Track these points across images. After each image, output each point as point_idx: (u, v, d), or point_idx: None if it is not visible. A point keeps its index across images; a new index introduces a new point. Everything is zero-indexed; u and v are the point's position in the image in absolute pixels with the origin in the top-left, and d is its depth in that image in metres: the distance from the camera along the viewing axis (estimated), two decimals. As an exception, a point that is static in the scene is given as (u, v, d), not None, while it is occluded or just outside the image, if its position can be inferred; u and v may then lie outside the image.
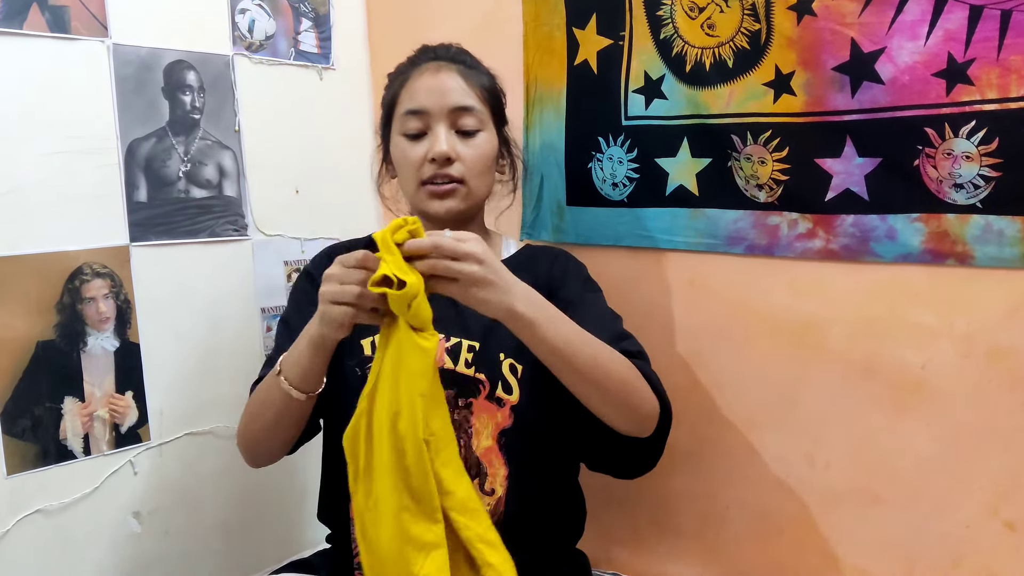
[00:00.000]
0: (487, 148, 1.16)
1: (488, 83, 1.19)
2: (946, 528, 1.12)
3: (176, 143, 1.38)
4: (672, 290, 1.32)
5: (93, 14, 1.27)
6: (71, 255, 1.26)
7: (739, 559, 1.32)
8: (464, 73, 1.15)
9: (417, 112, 1.13)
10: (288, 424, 1.09)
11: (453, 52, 1.18)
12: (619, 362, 1.02)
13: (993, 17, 1.00)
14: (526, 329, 0.94)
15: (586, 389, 0.99)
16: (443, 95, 1.13)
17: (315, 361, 1.01)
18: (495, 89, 1.20)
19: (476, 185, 1.15)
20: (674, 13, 1.24)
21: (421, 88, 1.14)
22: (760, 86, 1.18)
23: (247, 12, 1.48)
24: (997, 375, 1.07)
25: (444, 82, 1.13)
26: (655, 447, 1.09)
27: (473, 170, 1.14)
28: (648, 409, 1.03)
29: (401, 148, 1.15)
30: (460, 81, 1.14)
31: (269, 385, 1.06)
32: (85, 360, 1.28)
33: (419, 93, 1.14)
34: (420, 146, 1.13)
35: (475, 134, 1.15)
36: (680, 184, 1.29)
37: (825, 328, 1.19)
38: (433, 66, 1.15)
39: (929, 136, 1.06)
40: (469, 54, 1.20)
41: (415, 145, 1.14)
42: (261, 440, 1.13)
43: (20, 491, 1.21)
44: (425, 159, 1.12)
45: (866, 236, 1.13)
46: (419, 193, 1.14)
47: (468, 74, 1.15)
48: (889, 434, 1.15)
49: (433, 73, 1.14)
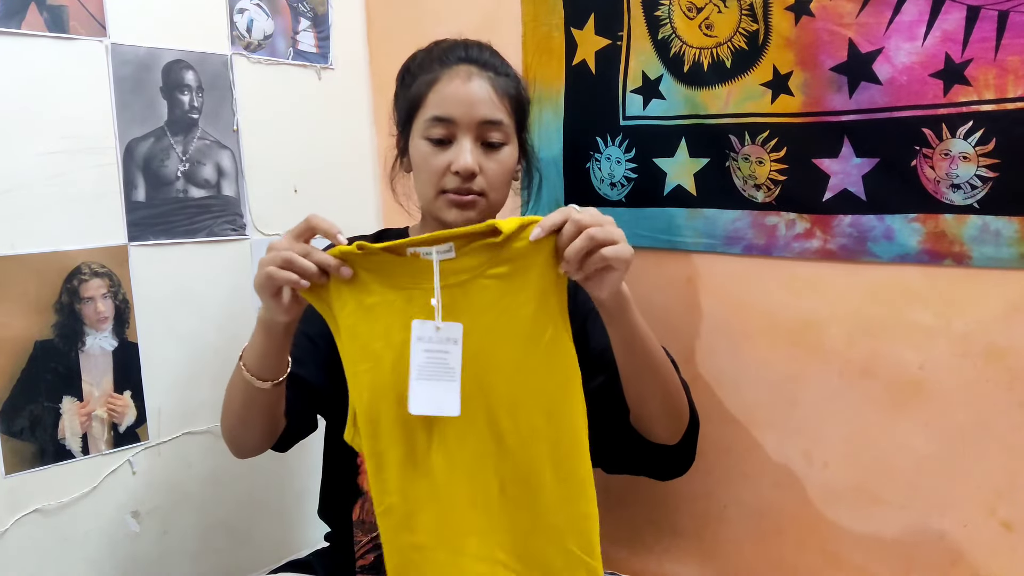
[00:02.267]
0: (510, 161, 1.12)
1: (515, 91, 1.13)
2: (944, 527, 1.12)
3: (174, 143, 1.38)
4: (670, 290, 1.32)
5: (91, 14, 1.27)
6: (69, 255, 1.26)
7: (737, 558, 1.32)
8: (495, 83, 1.09)
9: (444, 120, 1.08)
10: (258, 414, 1.06)
11: (486, 56, 1.12)
12: (671, 365, 1.06)
13: (990, 18, 1.00)
14: (626, 310, 0.94)
15: (652, 384, 1.01)
16: (472, 106, 1.07)
17: (268, 346, 0.99)
18: (522, 98, 1.15)
19: (495, 198, 1.12)
20: (672, 13, 1.25)
21: (450, 96, 1.08)
22: (758, 86, 1.18)
23: (245, 12, 1.48)
24: (995, 374, 1.07)
25: (475, 92, 1.08)
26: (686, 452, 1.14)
27: (494, 184, 1.10)
28: (686, 417, 1.08)
29: (423, 153, 1.10)
30: (491, 92, 1.08)
31: (235, 375, 1.05)
32: (83, 359, 1.28)
33: (448, 101, 1.08)
34: (444, 154, 1.08)
35: (500, 147, 1.10)
36: (678, 184, 1.29)
37: (823, 328, 1.19)
38: (464, 71, 1.09)
39: (926, 136, 1.06)
40: (499, 56, 1.14)
41: (438, 152, 1.08)
42: (237, 431, 1.11)
43: (18, 490, 1.21)
44: (448, 169, 1.08)
45: (864, 236, 1.13)
46: (437, 200, 1.10)
47: (498, 83, 1.10)
48: (887, 433, 1.16)
49: (464, 80, 1.08)
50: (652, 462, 1.15)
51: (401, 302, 0.90)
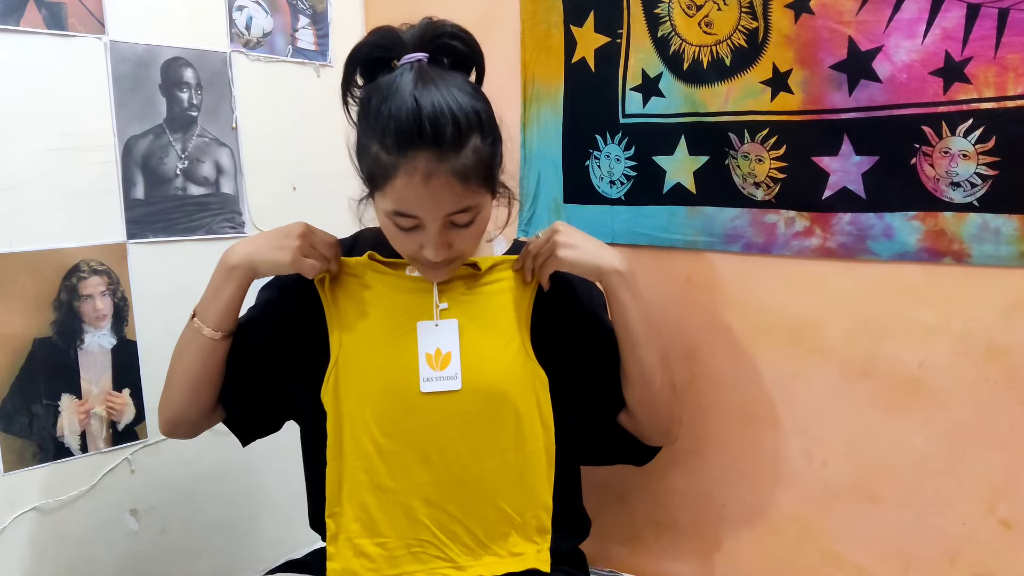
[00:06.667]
0: (484, 223, 1.02)
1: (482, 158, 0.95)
2: (942, 526, 1.12)
3: (173, 140, 1.38)
4: (669, 288, 1.32)
5: (90, 11, 1.26)
6: (68, 252, 1.26)
7: (736, 556, 1.32)
8: (457, 170, 0.92)
9: (408, 215, 0.96)
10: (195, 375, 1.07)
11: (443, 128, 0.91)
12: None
13: (990, 15, 1.00)
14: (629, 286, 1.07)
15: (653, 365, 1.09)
16: (436, 207, 0.95)
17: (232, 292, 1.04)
18: (488, 158, 0.97)
19: (471, 252, 1.06)
20: (672, 11, 1.24)
21: (412, 196, 0.94)
22: (758, 84, 1.18)
23: (245, 9, 1.48)
24: (994, 373, 1.07)
25: (436, 192, 0.93)
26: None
27: (469, 247, 1.02)
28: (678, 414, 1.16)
29: (389, 230, 1.00)
30: (453, 185, 0.93)
31: (179, 340, 1.09)
32: (82, 357, 1.28)
33: (409, 201, 0.94)
34: (413, 237, 0.99)
35: (472, 221, 0.99)
36: (677, 182, 1.29)
37: (822, 326, 1.19)
38: (423, 168, 0.92)
39: (926, 134, 1.06)
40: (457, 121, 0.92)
41: (407, 235, 0.99)
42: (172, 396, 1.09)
43: (17, 488, 1.21)
44: (419, 251, 0.99)
45: (863, 234, 1.13)
46: (413, 261, 1.04)
47: (460, 167, 0.93)
48: (886, 432, 1.15)
49: (423, 180, 0.92)
50: (631, 448, 1.18)
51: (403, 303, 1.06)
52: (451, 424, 1.03)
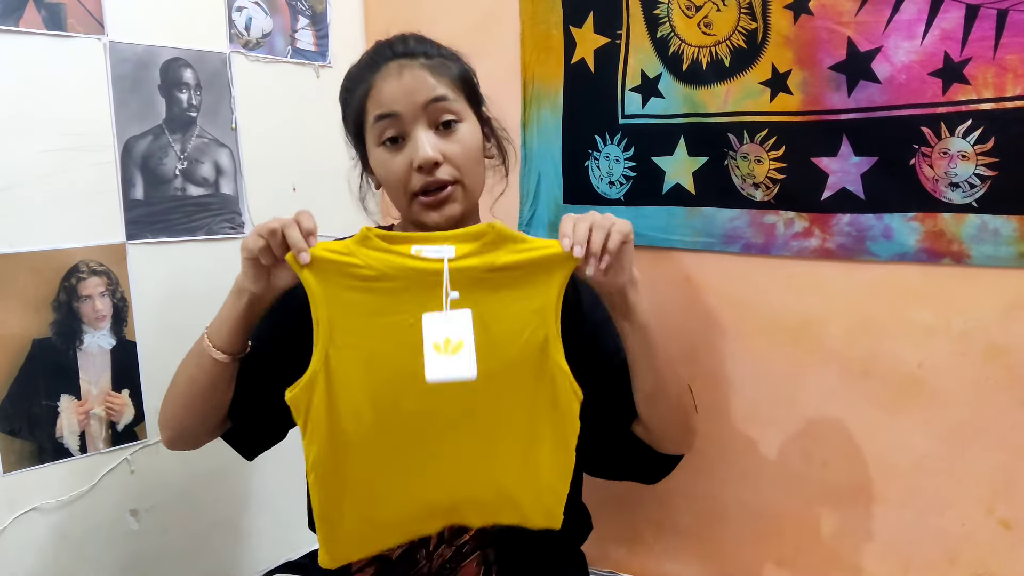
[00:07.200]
0: (472, 139, 1.06)
1: (456, 69, 1.07)
2: (942, 526, 1.13)
3: (173, 141, 1.38)
4: (669, 289, 1.32)
5: (89, 11, 1.26)
6: (67, 253, 1.26)
7: (737, 557, 1.32)
8: (428, 66, 1.04)
9: (389, 116, 1.03)
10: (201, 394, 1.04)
11: (412, 46, 1.07)
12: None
13: (989, 16, 1.00)
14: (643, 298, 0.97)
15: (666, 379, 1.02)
16: (411, 94, 1.03)
17: (229, 313, 0.99)
18: (465, 72, 1.09)
19: (471, 182, 1.07)
20: (671, 12, 1.24)
21: (387, 93, 1.03)
22: (757, 85, 1.18)
23: (244, 10, 1.48)
24: (994, 373, 1.07)
25: (409, 81, 1.03)
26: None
27: (463, 167, 1.05)
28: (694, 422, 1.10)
29: (381, 160, 1.06)
30: (426, 75, 1.04)
31: (187, 355, 1.06)
32: (81, 358, 1.28)
33: (386, 98, 1.03)
34: (402, 155, 1.03)
35: (456, 126, 1.05)
36: (677, 183, 1.29)
37: (822, 326, 1.19)
38: (395, 66, 1.04)
39: (925, 135, 1.06)
40: (429, 42, 1.08)
41: (396, 155, 1.04)
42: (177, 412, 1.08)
43: (16, 489, 1.21)
44: (411, 168, 1.03)
45: (862, 235, 1.13)
46: (413, 206, 1.05)
47: (433, 64, 1.05)
48: (886, 432, 1.16)
49: (397, 74, 1.03)
50: (644, 466, 1.14)
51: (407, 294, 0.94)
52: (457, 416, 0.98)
